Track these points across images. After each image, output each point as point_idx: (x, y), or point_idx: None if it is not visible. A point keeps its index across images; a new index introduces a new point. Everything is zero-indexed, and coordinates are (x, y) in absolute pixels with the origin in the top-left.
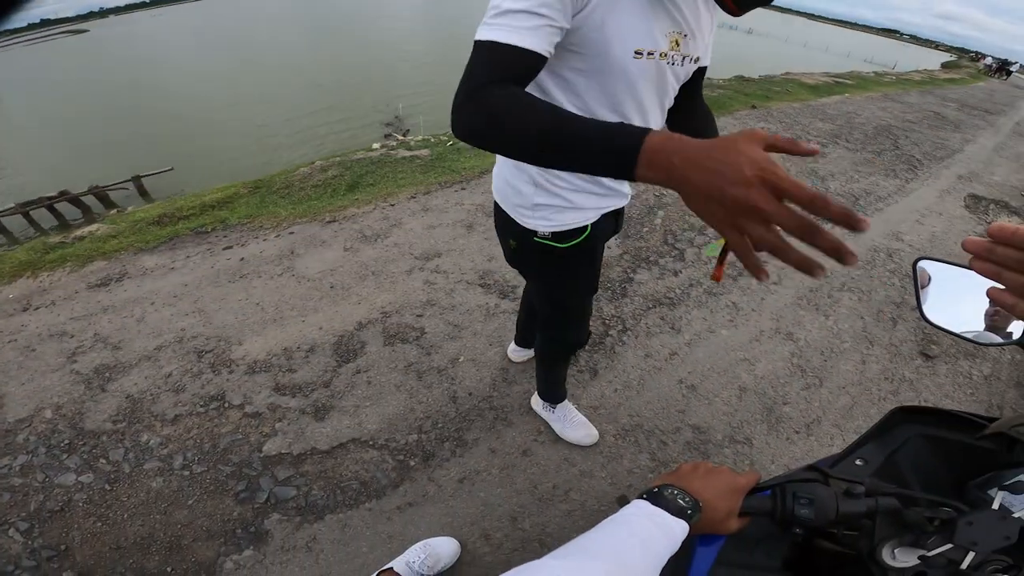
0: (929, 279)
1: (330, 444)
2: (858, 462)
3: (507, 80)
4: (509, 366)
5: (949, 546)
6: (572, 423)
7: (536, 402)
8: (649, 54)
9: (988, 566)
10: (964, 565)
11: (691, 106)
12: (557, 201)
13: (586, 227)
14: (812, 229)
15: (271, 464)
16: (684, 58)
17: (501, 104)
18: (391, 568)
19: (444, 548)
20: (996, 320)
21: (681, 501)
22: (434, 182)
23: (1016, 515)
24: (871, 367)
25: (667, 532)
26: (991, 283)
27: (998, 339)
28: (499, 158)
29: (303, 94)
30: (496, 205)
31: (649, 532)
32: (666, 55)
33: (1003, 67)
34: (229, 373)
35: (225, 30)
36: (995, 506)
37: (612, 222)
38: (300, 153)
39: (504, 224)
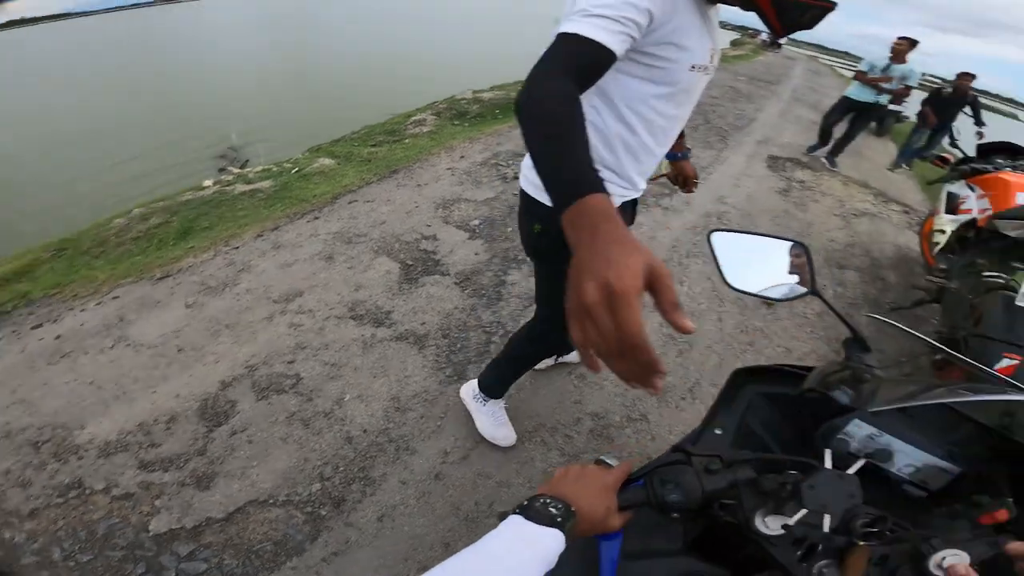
0: (724, 247)
1: (226, 511)
2: (717, 431)
3: (576, 69)
4: (400, 394)
5: (804, 511)
6: (498, 421)
7: (468, 391)
8: (703, 68)
9: (857, 520)
10: (826, 528)
11: None
12: None
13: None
14: (615, 356)
15: (166, 541)
16: (714, 69)
17: (541, 99)
18: None
19: None
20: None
21: (552, 509)
22: (282, 215)
23: (851, 472)
24: (727, 323)
25: (536, 545)
26: (775, 242)
27: (791, 295)
28: None
29: (117, 133)
30: (523, 192)
31: (512, 551)
32: (707, 68)
33: (775, 40)
34: (79, 460)
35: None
36: (828, 465)
37: (629, 213)
38: (114, 200)
39: (530, 208)
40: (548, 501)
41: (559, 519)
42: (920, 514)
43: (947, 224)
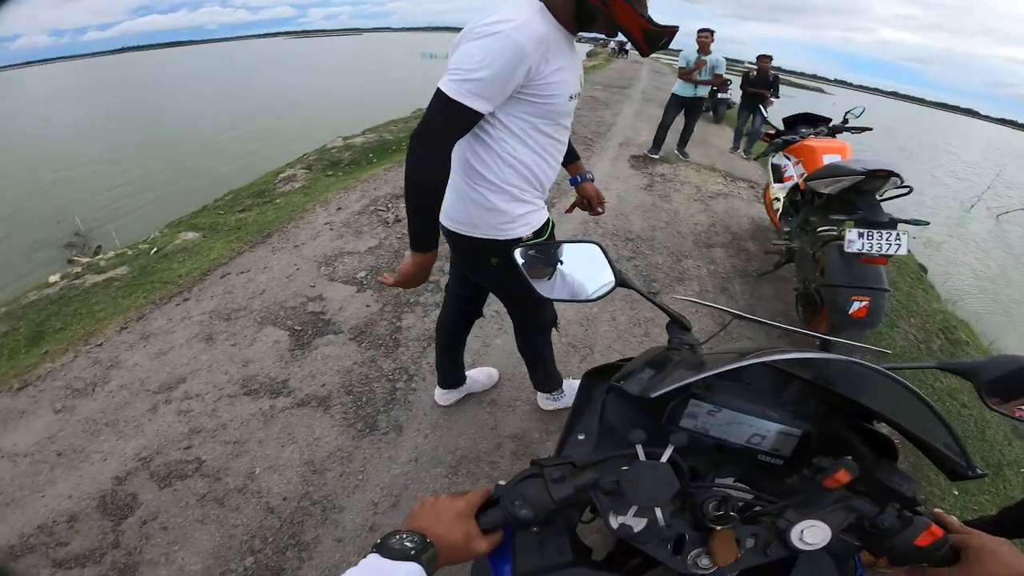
0: (529, 261)
1: None
2: (580, 436)
3: (457, 135)
4: (313, 457)
5: (635, 508)
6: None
7: (544, 400)
8: (577, 95)
9: (708, 503)
10: (661, 521)
11: None
12: (530, 207)
13: (548, 219)
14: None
15: None
16: (583, 90)
17: (424, 175)
18: None
19: None
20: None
21: (407, 543)
22: (145, 302)
23: (663, 459)
24: (620, 320)
25: None
26: (574, 246)
27: (603, 291)
28: (467, 196)
29: None
30: (469, 238)
31: None
32: (579, 94)
33: (622, 48)
34: None
35: None
36: (641, 457)
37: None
38: None
39: (479, 251)
40: (404, 536)
41: (414, 552)
42: (780, 484)
43: (778, 192)
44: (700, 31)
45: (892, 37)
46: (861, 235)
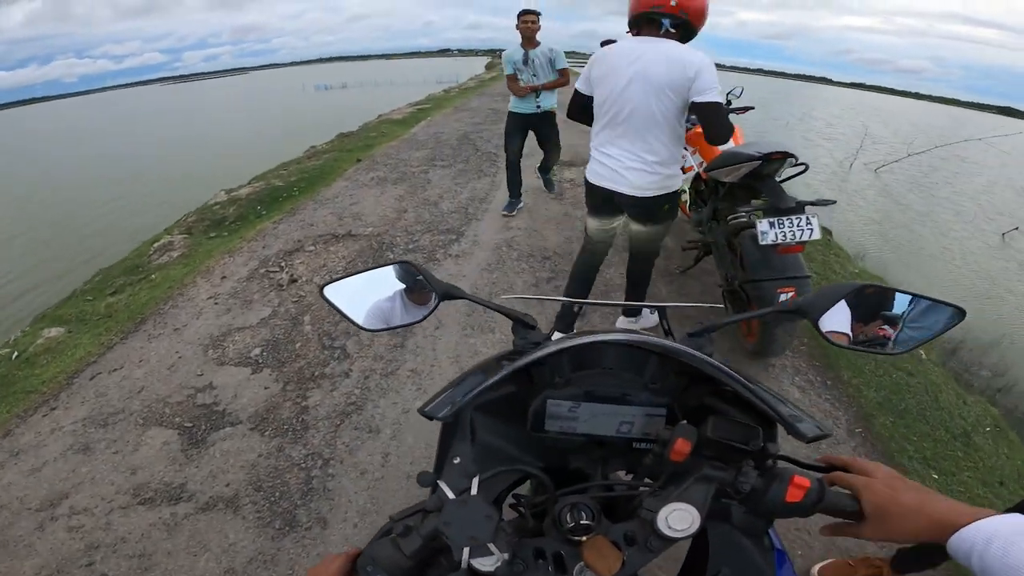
0: (341, 296)
1: None
2: (456, 460)
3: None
4: (233, 564)
5: (466, 549)
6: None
7: (641, 319)
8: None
9: (563, 513)
10: (497, 558)
11: None
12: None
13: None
14: None
15: None
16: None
17: None
18: None
19: None
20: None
21: None
22: (9, 416)
23: (473, 491)
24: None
25: None
26: (384, 271)
27: (429, 310)
28: (649, 170)
29: None
30: (651, 200)
31: None
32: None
33: None
34: None
35: None
36: (449, 496)
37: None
38: None
39: (656, 204)
40: None
41: None
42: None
43: (683, 184)
44: (521, 15)
45: (749, 18)
46: (772, 225)
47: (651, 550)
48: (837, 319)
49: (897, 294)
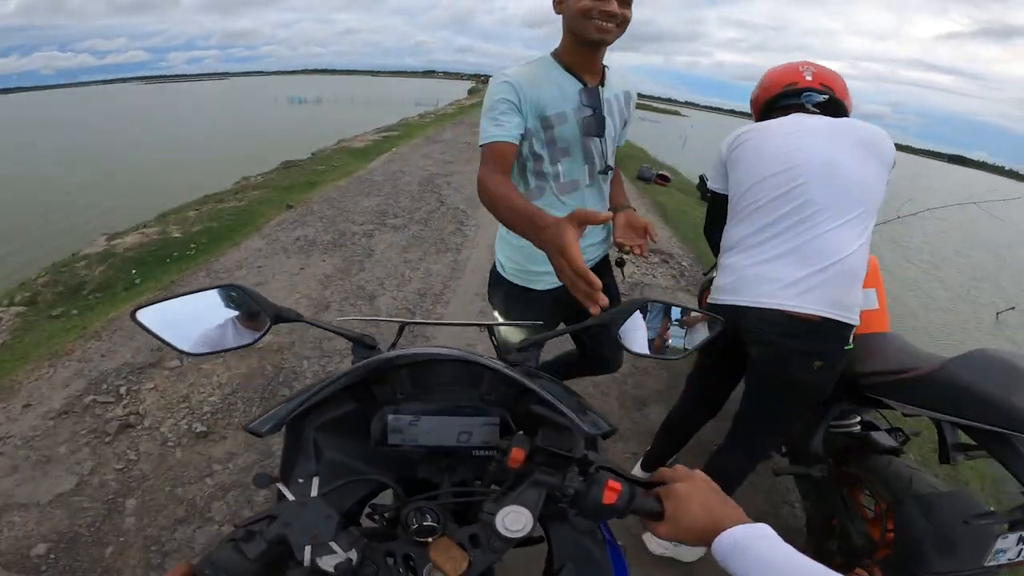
0: (159, 321)
1: None
2: (300, 480)
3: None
4: None
5: (308, 547)
6: None
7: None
8: None
9: (410, 517)
10: (342, 555)
11: None
12: None
13: None
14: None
15: None
16: None
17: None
18: None
19: None
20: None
21: None
22: None
23: (313, 492)
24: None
25: None
26: (207, 294)
27: (260, 333)
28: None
29: None
30: (796, 351)
31: None
32: None
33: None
34: None
35: None
36: (289, 498)
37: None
38: None
39: (811, 349)
40: None
41: None
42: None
43: None
44: None
45: (727, 59)
46: None
47: (494, 550)
48: (634, 332)
49: (672, 307)
